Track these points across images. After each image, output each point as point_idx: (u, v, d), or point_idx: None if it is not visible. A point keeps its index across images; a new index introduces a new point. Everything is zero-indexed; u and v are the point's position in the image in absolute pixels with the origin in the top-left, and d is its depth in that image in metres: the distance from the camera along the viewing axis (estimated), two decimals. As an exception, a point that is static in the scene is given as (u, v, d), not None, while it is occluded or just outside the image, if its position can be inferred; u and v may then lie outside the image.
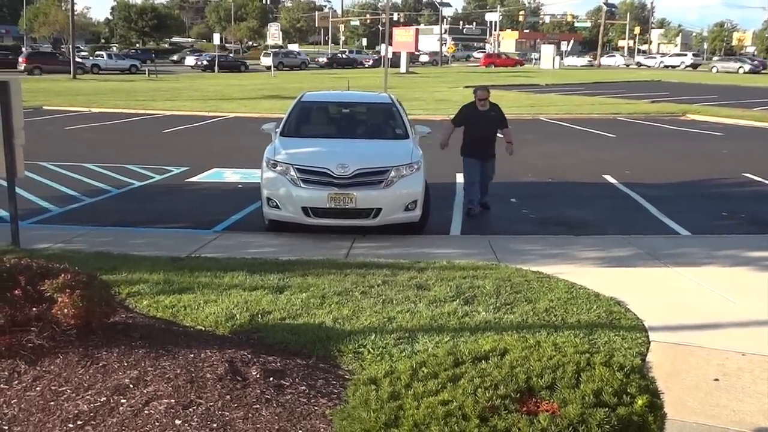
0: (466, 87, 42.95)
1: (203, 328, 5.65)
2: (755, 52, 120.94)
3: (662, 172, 15.25)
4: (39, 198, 11.65)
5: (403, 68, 62.03)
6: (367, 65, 77.66)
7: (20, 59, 54.67)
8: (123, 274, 7.02)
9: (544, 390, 2.83)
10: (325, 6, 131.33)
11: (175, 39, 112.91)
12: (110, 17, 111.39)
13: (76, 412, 3.88)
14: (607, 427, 2.59)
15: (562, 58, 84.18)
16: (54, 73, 52.08)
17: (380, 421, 2.72)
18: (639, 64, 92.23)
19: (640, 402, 2.74)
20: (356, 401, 2.89)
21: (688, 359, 5.31)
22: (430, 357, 3.15)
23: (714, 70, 76.98)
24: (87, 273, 4.92)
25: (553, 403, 2.75)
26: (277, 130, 10.43)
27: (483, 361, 3.08)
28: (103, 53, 66.64)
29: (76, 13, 61.63)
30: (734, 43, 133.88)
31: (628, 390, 2.81)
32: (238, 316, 5.84)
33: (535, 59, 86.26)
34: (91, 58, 64.10)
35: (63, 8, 74.12)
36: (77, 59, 54.65)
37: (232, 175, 14.23)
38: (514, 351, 3.16)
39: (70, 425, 3.78)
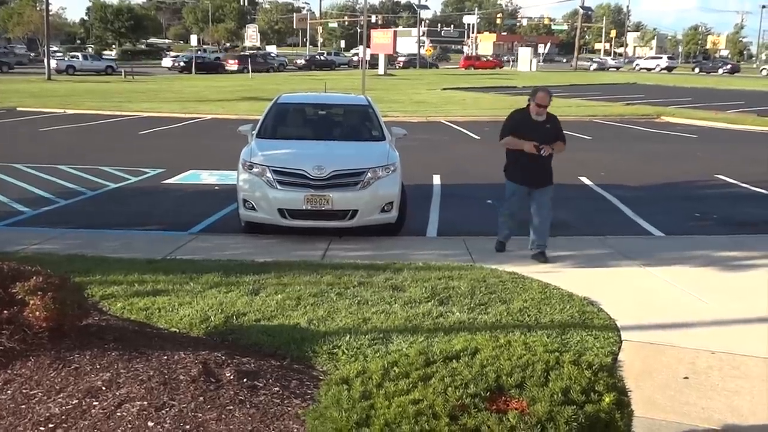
0: (444, 89, 43.22)
1: (177, 330, 5.63)
2: (729, 55, 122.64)
3: (637, 173, 15.41)
4: (12, 200, 11.52)
5: (381, 70, 62.11)
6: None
7: (233, 61, 66.23)
8: (97, 276, 6.97)
9: (513, 388, 2.87)
10: (303, 8, 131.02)
11: (152, 40, 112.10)
12: (86, 18, 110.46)
13: (47, 415, 3.86)
14: (575, 424, 2.63)
15: (539, 61, 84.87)
16: (258, 71, 61.56)
17: (352, 420, 2.74)
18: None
19: (607, 399, 2.78)
20: (328, 401, 2.91)
21: (659, 358, 5.38)
22: (401, 357, 3.17)
23: (764, 72, 78.42)
24: (59, 276, 4.89)
25: (523, 401, 2.78)
26: (253, 132, 10.42)
27: (454, 361, 3.10)
28: (78, 54, 66.04)
29: (51, 13, 60.99)
30: (708, 46, 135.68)
31: (596, 388, 2.86)
32: (212, 317, 5.83)
33: (512, 61, 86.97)
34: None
35: (38, 8, 73.28)
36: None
37: (208, 177, 14.17)
38: (485, 350, 3.19)
39: (42, 428, 3.75)
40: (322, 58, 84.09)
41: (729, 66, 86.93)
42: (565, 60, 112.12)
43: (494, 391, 2.85)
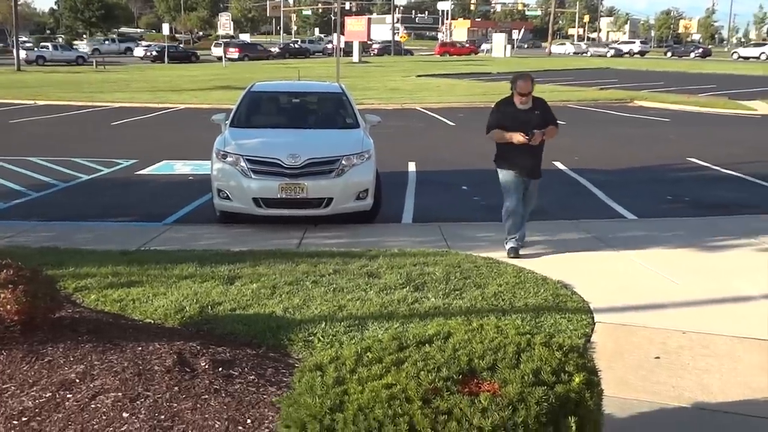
0: (419, 76, 43.19)
1: (152, 321, 5.61)
2: (701, 40, 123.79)
3: (610, 157, 15.55)
4: (-18, 193, 11.38)
5: (355, 57, 61.93)
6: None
7: (233, 49, 69.02)
8: (70, 268, 6.91)
9: (485, 371, 2.89)
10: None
11: (124, 29, 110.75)
12: (55, 7, 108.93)
13: (20, 408, 3.83)
14: (545, 404, 2.66)
15: (513, 47, 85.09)
16: (257, 59, 67.49)
17: (325, 405, 2.75)
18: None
19: (577, 380, 2.82)
20: (302, 387, 2.92)
21: (631, 339, 5.45)
22: (374, 342, 3.19)
23: (734, 56, 78.80)
24: (31, 268, 4.83)
25: (494, 383, 2.81)
26: (226, 121, 10.36)
27: (427, 345, 3.13)
28: (49, 44, 65.07)
29: (19, 2, 59.98)
30: (681, 30, 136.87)
31: (566, 368, 2.90)
32: (187, 308, 5.81)
33: (487, 49, 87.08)
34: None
35: (5, -2, 72.12)
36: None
37: (182, 167, 14.08)
38: (458, 334, 3.22)
39: (15, 422, 3.72)
40: (296, 46, 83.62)
41: (700, 50, 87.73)
42: (525, 46, 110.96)
43: (466, 374, 2.88)
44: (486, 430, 2.55)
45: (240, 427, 3.59)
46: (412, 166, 14.11)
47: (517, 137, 7.74)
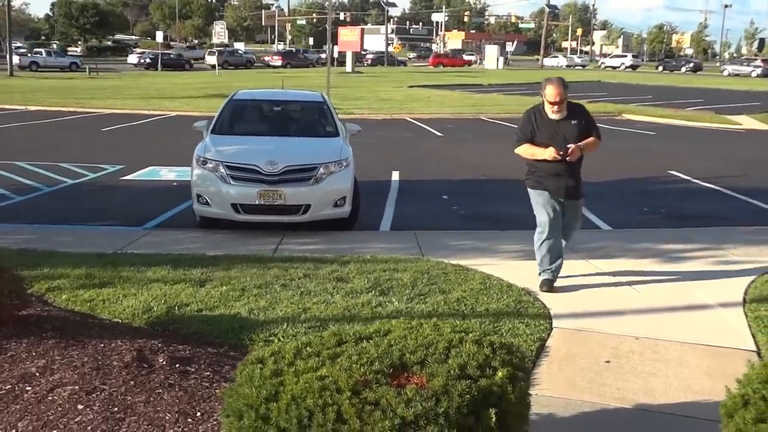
0: (411, 87, 43.44)
1: (120, 321, 5.74)
2: (693, 54, 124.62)
3: (593, 170, 15.50)
4: (-34, 196, 11.48)
5: (348, 67, 62.27)
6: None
7: (276, 57, 74.29)
8: (45, 269, 7.02)
9: (416, 365, 3.04)
10: (272, 4, 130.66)
11: (119, 36, 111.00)
12: (50, 13, 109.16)
13: (-20, 400, 3.96)
14: (468, 396, 2.81)
15: (506, 60, 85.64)
16: (299, 67, 70.95)
17: (261, 396, 2.89)
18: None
19: (500, 374, 2.97)
20: (242, 379, 3.06)
21: (585, 343, 5.60)
22: (315, 338, 3.34)
23: (725, 72, 79.21)
24: (-2, 267, 4.97)
25: (422, 377, 2.96)
26: (208, 128, 10.52)
27: (364, 341, 3.27)
28: (42, 50, 65.23)
29: (13, 8, 60.12)
30: (673, 44, 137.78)
31: (492, 364, 3.04)
32: (155, 308, 5.94)
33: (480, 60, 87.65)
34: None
35: (0, 3, 72.25)
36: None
37: (168, 173, 14.22)
38: (396, 331, 3.37)
39: (-25, 413, 3.85)
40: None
41: (692, 64, 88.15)
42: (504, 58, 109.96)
43: (398, 367, 3.03)
44: (409, 419, 2.69)
45: (189, 420, 3.74)
46: (395, 175, 14.27)
47: (550, 154, 6.68)
